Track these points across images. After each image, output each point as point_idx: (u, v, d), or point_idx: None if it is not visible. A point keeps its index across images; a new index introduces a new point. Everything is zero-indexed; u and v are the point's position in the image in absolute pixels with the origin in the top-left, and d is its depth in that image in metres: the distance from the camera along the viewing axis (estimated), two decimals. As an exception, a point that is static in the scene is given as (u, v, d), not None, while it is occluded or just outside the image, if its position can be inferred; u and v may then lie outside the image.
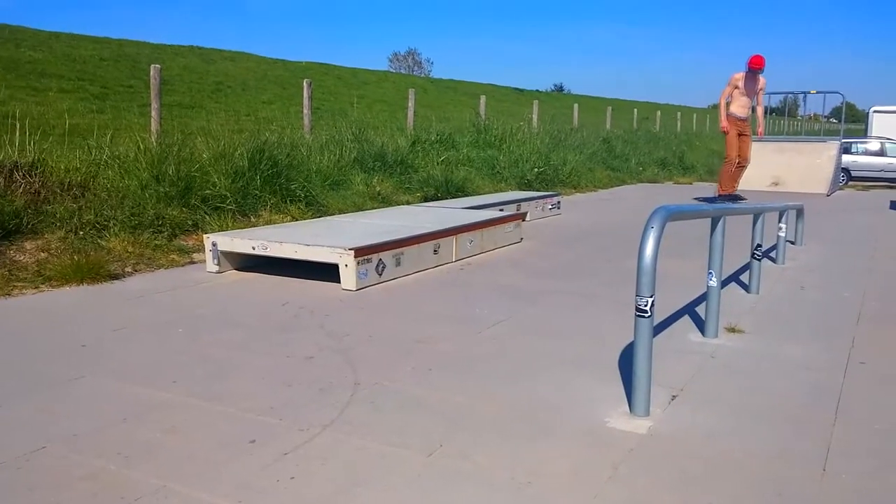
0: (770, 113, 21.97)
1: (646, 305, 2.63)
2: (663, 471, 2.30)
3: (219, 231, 5.87)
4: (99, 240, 5.52)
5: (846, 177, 16.94)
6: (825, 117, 31.35)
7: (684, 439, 2.54)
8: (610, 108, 21.11)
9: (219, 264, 5.24)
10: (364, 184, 8.81)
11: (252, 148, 7.33)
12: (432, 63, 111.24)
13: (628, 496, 2.15)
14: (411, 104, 12.26)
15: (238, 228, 6.23)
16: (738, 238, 5.43)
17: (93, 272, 4.85)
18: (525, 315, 4.23)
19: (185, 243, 5.99)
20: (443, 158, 10.96)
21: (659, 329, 3.83)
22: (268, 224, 6.60)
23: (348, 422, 2.66)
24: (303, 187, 7.58)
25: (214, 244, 5.23)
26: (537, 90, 44.07)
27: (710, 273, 3.67)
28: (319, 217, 7.13)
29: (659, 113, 25.32)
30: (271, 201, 7.15)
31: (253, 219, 6.81)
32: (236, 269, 5.33)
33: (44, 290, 4.63)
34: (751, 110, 9.85)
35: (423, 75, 58.79)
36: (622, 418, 2.70)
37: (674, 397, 2.93)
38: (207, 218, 6.43)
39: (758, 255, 4.78)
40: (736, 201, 9.58)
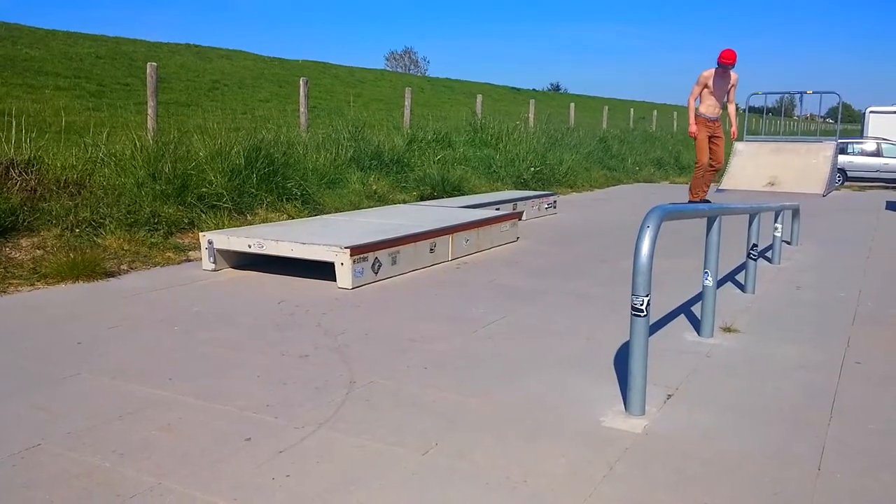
0: (766, 113, 21.91)
1: (642, 305, 2.64)
2: (659, 470, 2.31)
3: (215, 229, 5.87)
4: (95, 237, 5.51)
5: (842, 177, 16.95)
6: (821, 117, 31.39)
7: (680, 438, 2.55)
8: (606, 108, 21.15)
9: (215, 262, 5.24)
10: (360, 182, 8.81)
11: (248, 146, 7.33)
12: (429, 62, 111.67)
13: (624, 495, 2.15)
14: (408, 103, 12.26)
15: (234, 227, 6.23)
16: (734, 238, 5.44)
17: (89, 270, 4.85)
18: (521, 314, 4.24)
19: (181, 241, 5.98)
20: (439, 157, 10.96)
21: (655, 328, 3.84)
22: (264, 222, 6.60)
23: (344, 420, 2.66)
24: (299, 186, 7.58)
25: (210, 242, 5.22)
26: (534, 89, 44.10)
27: (706, 272, 3.67)
28: (316, 215, 7.13)
29: (655, 112, 25.36)
30: (267, 199, 7.14)
31: (249, 217, 6.80)
32: (232, 268, 5.33)
33: (39, 288, 4.62)
34: (722, 109, 9.13)
35: (419, 74, 58.82)
36: (618, 417, 2.71)
37: (669, 397, 2.93)
38: (203, 216, 6.43)
39: (754, 255, 4.79)
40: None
